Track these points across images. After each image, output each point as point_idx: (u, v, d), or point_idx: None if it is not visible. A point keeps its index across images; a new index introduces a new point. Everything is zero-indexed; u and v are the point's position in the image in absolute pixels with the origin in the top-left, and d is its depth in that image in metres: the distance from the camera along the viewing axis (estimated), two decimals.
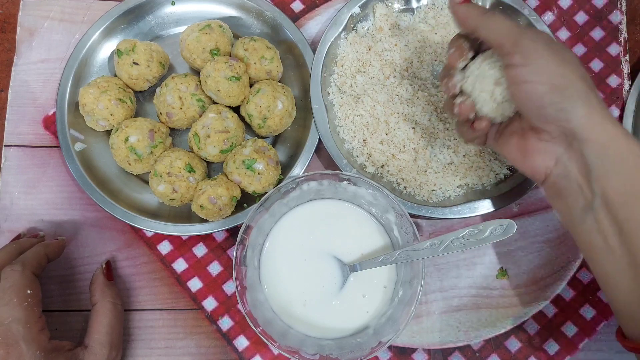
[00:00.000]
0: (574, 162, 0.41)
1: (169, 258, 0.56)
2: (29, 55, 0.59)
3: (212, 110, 0.53)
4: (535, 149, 0.43)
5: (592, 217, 0.40)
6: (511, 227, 0.44)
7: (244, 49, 0.55)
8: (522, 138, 0.43)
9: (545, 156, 0.42)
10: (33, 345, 0.43)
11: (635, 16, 0.63)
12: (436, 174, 0.55)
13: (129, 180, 0.56)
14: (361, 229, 0.53)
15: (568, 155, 0.41)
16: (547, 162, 0.42)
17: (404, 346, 0.55)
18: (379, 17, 0.58)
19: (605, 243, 0.40)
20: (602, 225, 0.40)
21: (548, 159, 0.42)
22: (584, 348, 0.54)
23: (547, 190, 0.44)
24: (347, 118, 0.56)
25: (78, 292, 0.54)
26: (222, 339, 0.54)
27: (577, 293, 0.56)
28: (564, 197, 0.42)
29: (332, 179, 0.51)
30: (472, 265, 0.56)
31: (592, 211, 0.40)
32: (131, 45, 0.54)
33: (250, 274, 0.50)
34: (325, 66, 0.57)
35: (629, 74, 0.60)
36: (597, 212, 0.40)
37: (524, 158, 0.44)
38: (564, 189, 0.42)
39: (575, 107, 0.39)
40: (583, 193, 0.41)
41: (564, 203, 0.43)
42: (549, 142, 0.42)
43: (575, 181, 0.41)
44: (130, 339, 0.54)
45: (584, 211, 0.41)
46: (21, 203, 0.56)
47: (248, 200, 0.55)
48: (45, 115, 0.58)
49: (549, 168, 0.42)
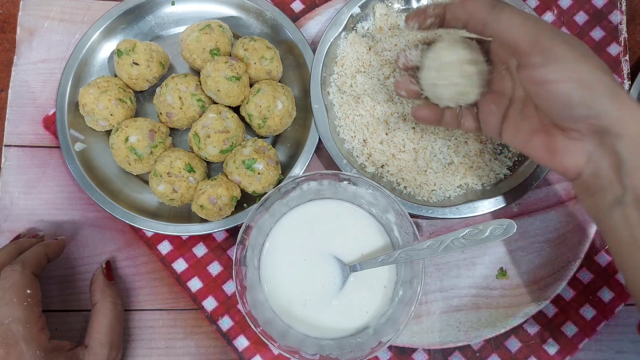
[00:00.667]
0: (605, 158, 0.39)
1: (169, 258, 0.56)
2: (29, 55, 0.59)
3: (212, 110, 0.53)
4: (564, 148, 0.40)
5: (620, 212, 0.39)
6: (511, 227, 0.44)
7: (244, 49, 0.55)
8: (548, 136, 0.41)
9: (575, 154, 0.40)
10: (33, 345, 0.43)
11: (635, 16, 0.63)
12: (436, 174, 0.55)
13: (129, 180, 0.56)
14: (361, 229, 0.53)
15: (600, 151, 0.39)
16: (578, 160, 0.40)
17: (404, 346, 0.55)
18: (379, 17, 0.58)
19: (632, 238, 0.39)
20: (631, 220, 0.39)
21: (579, 157, 0.40)
22: (584, 348, 0.54)
23: (576, 187, 0.43)
24: (347, 118, 0.56)
25: (78, 292, 0.54)
26: (222, 339, 0.54)
27: (577, 293, 0.56)
28: (594, 193, 0.41)
29: (332, 179, 0.51)
30: (472, 265, 0.56)
31: (621, 206, 0.39)
32: (131, 45, 0.54)
33: (250, 274, 0.50)
34: (325, 66, 0.57)
35: (629, 74, 0.60)
36: (626, 207, 0.39)
37: (553, 158, 0.42)
38: (594, 186, 0.41)
39: (605, 102, 0.37)
40: (613, 188, 0.40)
41: (592, 198, 0.41)
42: (578, 140, 0.40)
43: (607, 177, 0.40)
44: (130, 339, 0.54)
45: (612, 205, 0.40)
46: (21, 203, 0.56)
47: (248, 200, 0.55)
48: (45, 115, 0.58)
49: (581, 166, 0.41)
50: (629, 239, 0.40)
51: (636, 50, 0.62)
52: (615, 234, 0.41)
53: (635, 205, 0.39)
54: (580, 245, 0.57)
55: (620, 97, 0.38)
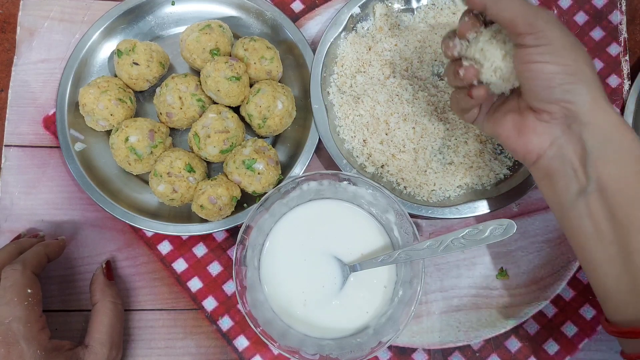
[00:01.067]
0: (570, 145, 0.41)
1: (169, 258, 0.56)
2: (29, 55, 0.59)
3: (212, 110, 0.53)
4: (532, 128, 0.42)
5: (583, 202, 0.41)
6: (511, 227, 0.44)
7: (244, 49, 0.55)
8: (520, 116, 0.43)
9: (541, 136, 0.42)
10: (33, 344, 0.43)
11: (635, 16, 0.63)
12: (436, 174, 0.55)
13: (129, 180, 0.56)
14: (361, 229, 0.53)
15: (565, 137, 0.41)
16: (542, 142, 0.42)
17: (404, 346, 0.55)
18: (379, 17, 0.59)
19: (595, 229, 0.40)
20: (593, 211, 0.40)
21: (543, 140, 0.42)
22: (584, 348, 0.54)
23: (536, 172, 0.44)
24: (347, 118, 0.56)
25: (78, 292, 0.54)
26: (222, 339, 0.54)
27: (577, 293, 0.56)
28: (555, 180, 0.42)
29: (332, 179, 0.51)
30: (472, 265, 0.56)
31: (585, 196, 0.40)
32: (131, 45, 0.54)
33: (250, 274, 0.50)
34: (325, 66, 0.57)
35: (628, 74, 0.60)
36: (589, 197, 0.40)
37: (519, 136, 0.43)
38: (555, 172, 0.42)
39: (582, 91, 0.39)
40: (577, 177, 0.41)
41: (554, 186, 0.43)
42: (547, 122, 0.42)
43: (570, 164, 0.41)
44: (130, 339, 0.54)
45: (575, 196, 0.41)
46: (21, 203, 0.56)
47: (248, 200, 0.55)
48: (45, 115, 0.58)
49: (543, 149, 0.42)
50: (592, 230, 0.41)
51: (636, 50, 0.62)
52: (579, 227, 0.42)
53: (598, 196, 0.40)
54: None
55: (596, 91, 0.40)
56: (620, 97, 0.60)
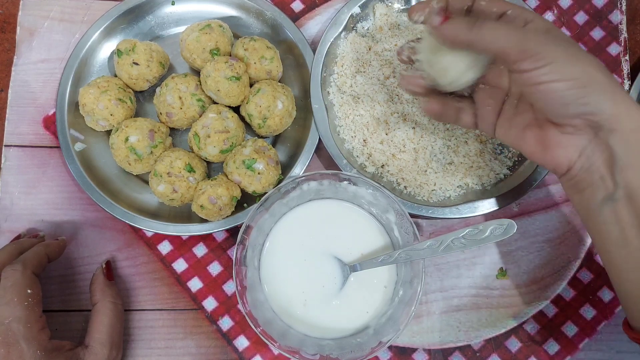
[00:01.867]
0: (598, 153, 0.39)
1: (169, 258, 0.56)
2: (29, 55, 0.59)
3: (212, 110, 0.53)
4: (557, 143, 0.40)
5: (611, 208, 0.39)
6: (511, 227, 0.44)
7: (244, 49, 0.55)
8: (541, 130, 0.41)
9: (568, 149, 0.40)
10: (33, 345, 0.43)
11: (635, 16, 0.63)
12: (436, 174, 0.55)
13: (129, 180, 0.56)
14: (361, 229, 0.53)
15: (593, 146, 0.39)
16: (570, 154, 0.40)
17: (404, 346, 0.55)
18: (379, 17, 0.58)
19: (622, 235, 0.39)
20: (621, 217, 0.39)
21: (572, 152, 0.40)
22: (584, 348, 0.54)
23: (565, 183, 0.43)
24: (347, 118, 0.56)
25: (78, 292, 0.54)
26: (222, 339, 0.54)
27: (577, 293, 0.56)
28: (584, 188, 0.41)
29: (332, 179, 0.51)
30: (472, 265, 0.56)
31: (612, 203, 0.39)
32: (131, 45, 0.54)
33: (250, 274, 0.50)
34: (325, 66, 0.57)
35: (629, 74, 0.60)
36: (617, 203, 0.39)
37: (545, 152, 0.42)
38: (584, 181, 0.41)
39: (600, 99, 0.37)
40: (604, 184, 0.40)
41: (582, 194, 0.41)
42: (572, 134, 0.40)
43: (598, 172, 0.40)
44: (130, 339, 0.54)
45: (602, 202, 0.40)
46: (21, 203, 0.56)
47: (248, 200, 0.55)
48: (45, 115, 0.58)
49: (572, 161, 0.41)
50: (619, 236, 0.40)
51: (636, 50, 0.62)
52: (605, 232, 0.41)
53: (626, 202, 0.39)
54: (580, 245, 0.57)
55: (614, 93, 0.38)
56: None
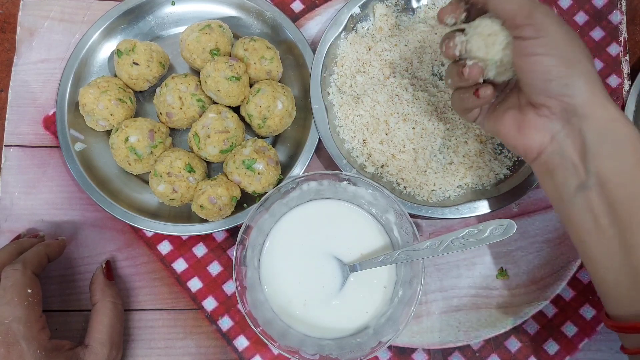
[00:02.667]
0: (570, 140, 0.41)
1: (169, 258, 0.56)
2: (29, 55, 0.59)
3: (212, 110, 0.53)
4: (532, 124, 0.42)
5: (583, 196, 0.40)
6: (511, 227, 0.44)
7: (244, 49, 0.55)
8: (520, 113, 0.43)
9: (541, 132, 0.42)
10: (33, 344, 0.43)
11: (635, 16, 0.63)
12: (436, 174, 0.55)
13: (129, 180, 0.56)
14: (361, 229, 0.53)
15: (565, 132, 0.41)
16: (542, 138, 0.42)
17: (404, 346, 0.55)
18: (379, 17, 0.59)
19: (595, 223, 0.40)
20: (593, 205, 0.40)
21: (544, 135, 0.42)
22: (584, 348, 0.54)
23: (537, 168, 0.44)
24: (347, 118, 0.56)
25: (78, 292, 0.54)
26: (222, 339, 0.54)
27: (577, 293, 0.56)
28: (556, 175, 0.42)
29: (332, 179, 0.51)
30: (472, 265, 0.56)
31: (585, 191, 0.40)
32: (131, 45, 0.54)
33: (250, 274, 0.50)
34: (325, 66, 0.57)
35: (629, 74, 0.60)
36: (589, 191, 0.40)
37: (519, 133, 0.43)
38: (556, 167, 0.42)
39: (580, 84, 0.39)
40: (577, 172, 0.41)
41: (554, 182, 0.43)
42: (547, 118, 0.41)
43: (570, 159, 0.41)
44: (130, 339, 0.54)
45: (575, 190, 0.41)
46: (21, 203, 0.56)
47: (248, 200, 0.55)
48: (45, 115, 0.58)
49: (544, 145, 0.42)
50: (592, 224, 0.41)
51: (636, 50, 0.62)
52: (578, 221, 0.42)
53: (598, 190, 0.40)
54: None
55: (594, 83, 0.40)
56: (620, 97, 0.60)
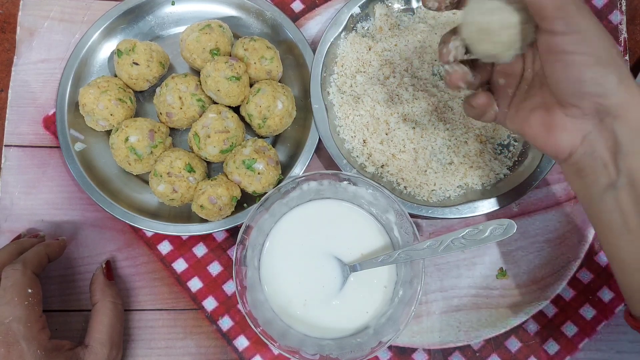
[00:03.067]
0: (602, 140, 0.38)
1: (169, 258, 0.56)
2: (29, 55, 0.59)
3: (212, 110, 0.53)
4: (561, 125, 0.40)
5: (613, 196, 0.39)
6: (511, 227, 0.44)
7: (244, 49, 0.55)
8: (547, 113, 0.40)
9: (572, 133, 0.39)
10: (33, 344, 0.43)
11: (635, 16, 0.63)
12: (436, 174, 0.55)
13: (129, 180, 0.56)
14: (361, 229, 0.53)
15: (597, 132, 0.38)
16: (573, 139, 0.39)
17: (404, 346, 0.55)
18: (379, 17, 0.59)
19: (624, 223, 0.39)
20: (623, 205, 0.39)
21: (575, 137, 0.39)
22: (584, 348, 0.54)
23: (567, 168, 0.42)
24: (347, 118, 0.56)
25: (78, 292, 0.54)
26: (222, 339, 0.54)
27: (577, 293, 0.56)
28: (586, 175, 0.40)
29: (332, 179, 0.51)
30: (472, 265, 0.56)
31: (615, 191, 0.39)
32: (131, 45, 0.54)
33: (250, 274, 0.50)
34: (325, 66, 0.57)
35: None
36: (620, 191, 0.39)
37: (548, 135, 0.41)
38: (586, 167, 0.40)
39: (615, 83, 0.37)
40: (607, 171, 0.39)
41: (584, 182, 0.41)
42: (578, 118, 0.39)
43: (600, 159, 0.39)
44: (130, 339, 0.54)
45: (605, 190, 0.39)
46: (21, 203, 0.56)
47: (248, 200, 0.55)
48: (45, 115, 0.58)
49: (575, 146, 0.40)
50: (621, 224, 0.40)
51: (636, 50, 0.62)
52: (607, 221, 0.40)
53: (628, 190, 0.38)
54: (580, 245, 0.57)
55: (628, 81, 0.37)
56: None
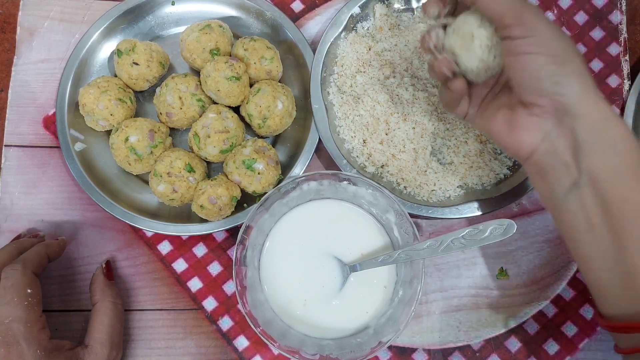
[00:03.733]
0: (562, 139, 0.40)
1: (169, 258, 0.56)
2: (29, 55, 0.59)
3: (212, 110, 0.53)
4: (523, 124, 0.42)
5: (576, 196, 0.40)
6: (511, 227, 0.44)
7: (244, 49, 0.55)
8: (511, 111, 0.43)
9: (533, 132, 0.41)
10: (33, 344, 0.43)
11: (635, 16, 0.63)
12: (436, 174, 0.55)
13: (129, 180, 0.56)
14: (361, 229, 0.53)
15: (557, 131, 0.40)
16: (533, 137, 0.42)
17: (404, 346, 0.55)
18: (379, 17, 0.59)
19: (588, 222, 0.40)
20: (586, 204, 0.40)
21: (535, 135, 0.41)
22: (584, 348, 0.54)
23: (529, 168, 0.44)
24: (347, 118, 0.56)
25: (78, 292, 0.54)
26: (222, 339, 0.54)
27: (577, 293, 0.56)
28: (548, 175, 0.42)
29: (332, 179, 0.51)
30: (472, 265, 0.56)
31: (577, 190, 0.40)
32: (131, 45, 0.54)
33: (250, 274, 0.50)
34: (325, 66, 0.57)
35: (629, 74, 0.60)
36: (582, 190, 0.40)
37: (510, 132, 0.43)
38: (548, 167, 0.42)
39: (572, 82, 0.39)
40: (569, 171, 0.40)
41: (546, 181, 0.42)
42: (539, 117, 0.41)
43: (561, 159, 0.41)
44: (130, 339, 0.54)
45: (567, 190, 0.41)
46: (21, 203, 0.56)
47: (248, 200, 0.55)
48: (45, 115, 0.58)
49: (535, 144, 0.42)
50: (584, 223, 0.40)
51: (636, 50, 0.62)
52: (571, 220, 0.41)
53: (590, 189, 0.39)
54: None
55: (586, 82, 0.39)
56: (620, 97, 0.60)
